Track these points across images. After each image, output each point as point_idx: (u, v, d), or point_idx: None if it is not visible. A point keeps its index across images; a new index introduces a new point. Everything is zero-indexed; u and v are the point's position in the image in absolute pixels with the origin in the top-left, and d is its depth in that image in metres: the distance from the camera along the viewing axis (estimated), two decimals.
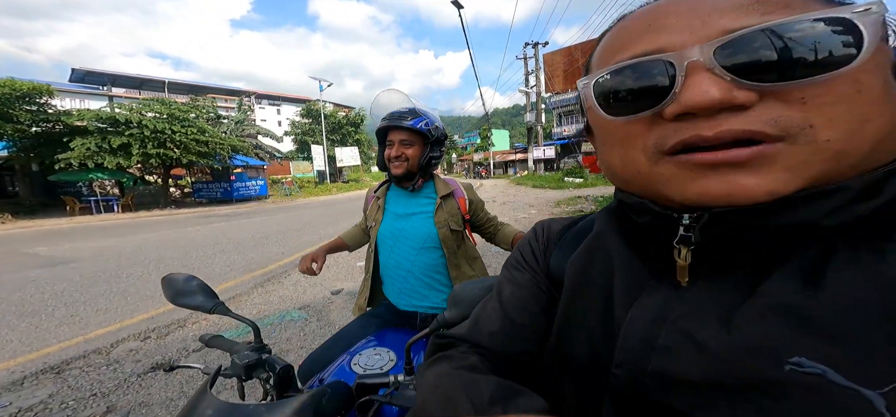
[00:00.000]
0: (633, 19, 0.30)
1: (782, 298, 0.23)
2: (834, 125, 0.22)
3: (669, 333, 0.27)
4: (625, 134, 0.29)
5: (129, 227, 8.95)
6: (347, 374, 0.91)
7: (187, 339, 2.74)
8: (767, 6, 0.24)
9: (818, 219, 0.23)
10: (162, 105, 14.48)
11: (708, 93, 0.23)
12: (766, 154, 0.23)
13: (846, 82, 0.22)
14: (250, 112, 24.85)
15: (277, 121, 56.24)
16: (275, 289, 3.89)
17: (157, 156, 13.29)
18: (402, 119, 1.16)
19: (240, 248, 6.02)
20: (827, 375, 0.21)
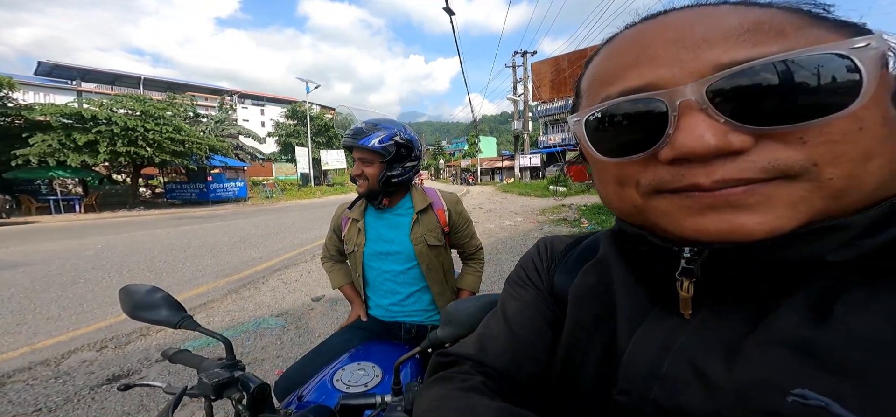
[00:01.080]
0: (620, 45, 0.29)
1: (788, 331, 0.23)
2: (837, 163, 0.22)
3: (674, 363, 0.27)
4: (619, 173, 0.28)
5: (90, 229, 8.40)
6: (329, 391, 0.84)
7: (150, 349, 2.54)
8: (759, 35, 0.23)
9: (823, 254, 0.23)
10: (135, 102, 13.88)
11: (703, 139, 0.23)
12: (765, 192, 0.23)
13: (848, 121, 0.22)
14: (232, 111, 24.11)
15: (261, 121, 54.95)
16: (251, 296, 3.70)
17: (126, 154, 12.64)
18: (356, 136, 1.13)
19: (213, 252, 5.73)
20: (831, 408, 0.21)
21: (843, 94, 0.21)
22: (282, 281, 4.14)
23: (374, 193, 1.17)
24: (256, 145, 22.67)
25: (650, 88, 0.25)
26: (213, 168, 16.31)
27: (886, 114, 0.23)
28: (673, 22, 0.27)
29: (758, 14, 0.24)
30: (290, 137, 25.81)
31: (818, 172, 0.22)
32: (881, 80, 0.22)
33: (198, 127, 18.09)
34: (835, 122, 0.22)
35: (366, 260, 1.22)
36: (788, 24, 0.24)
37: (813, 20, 0.24)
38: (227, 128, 20.85)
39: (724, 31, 0.24)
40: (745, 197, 0.23)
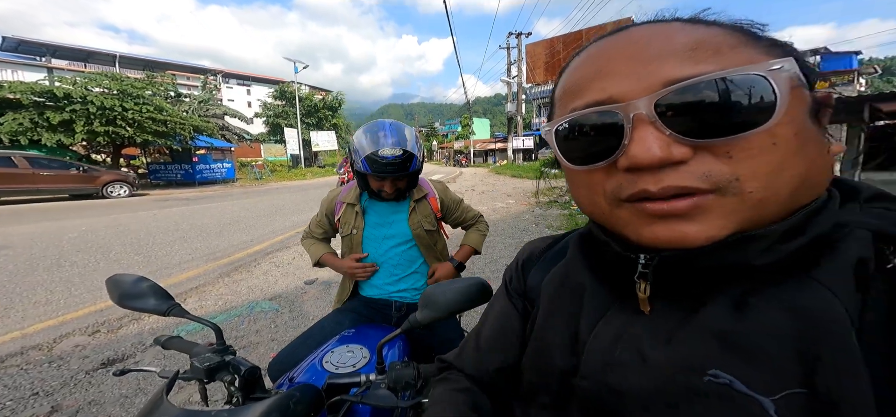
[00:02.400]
0: (587, 58, 0.32)
1: (712, 324, 0.28)
2: (756, 176, 0.26)
3: (624, 351, 0.32)
4: (587, 180, 0.32)
5: (69, 210, 8.06)
6: (319, 373, 0.87)
7: (143, 333, 2.54)
8: (700, 53, 0.27)
9: (749, 260, 0.27)
10: (111, 80, 13.15)
11: (650, 151, 0.26)
12: (703, 205, 0.26)
13: (763, 137, 0.25)
14: (216, 91, 23.10)
15: (247, 102, 53.14)
16: (243, 279, 3.69)
17: (105, 134, 12.08)
18: (402, 166, 1.15)
19: (202, 235, 5.63)
20: (733, 384, 0.26)
21: (761, 112, 0.25)
22: (274, 265, 4.13)
23: (398, 195, 1.25)
24: (243, 126, 21.97)
25: (610, 101, 0.29)
26: (198, 149, 15.83)
27: (799, 130, 0.26)
28: (633, 38, 0.30)
29: (701, 33, 0.28)
30: (278, 118, 25.07)
31: (740, 186, 0.26)
32: (796, 99, 0.26)
33: (180, 107, 17.40)
34: (753, 138, 0.25)
35: (365, 241, 1.27)
36: (726, 44, 0.27)
37: (748, 39, 0.28)
38: (211, 109, 20.09)
39: (673, 49, 0.27)
40: (688, 209, 0.27)
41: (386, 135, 1.13)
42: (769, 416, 0.24)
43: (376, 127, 1.17)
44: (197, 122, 15.37)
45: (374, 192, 1.22)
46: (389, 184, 1.18)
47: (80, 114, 11.60)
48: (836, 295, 0.25)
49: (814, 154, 0.27)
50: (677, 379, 0.28)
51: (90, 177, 10.58)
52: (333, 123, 26.57)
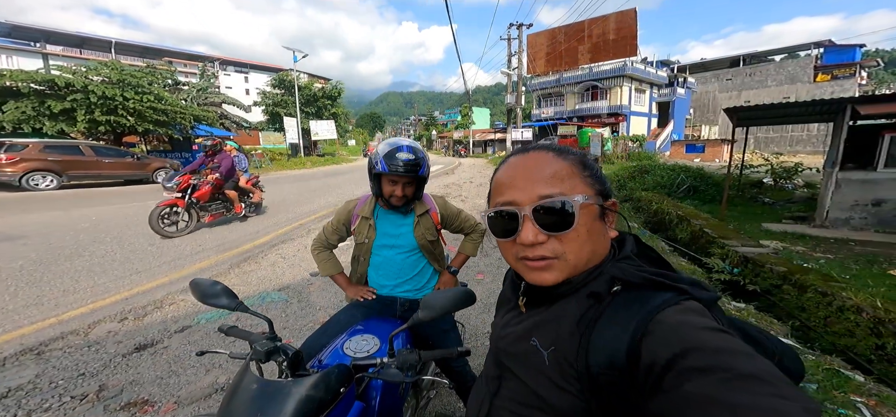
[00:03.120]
0: (505, 169, 0.57)
1: (539, 314, 0.56)
2: (571, 252, 0.51)
3: (507, 327, 0.62)
4: (504, 245, 0.57)
5: (75, 199, 8.14)
6: (342, 356, 1.11)
7: (167, 321, 2.73)
8: (554, 180, 0.52)
9: (570, 290, 0.53)
10: (111, 69, 13.02)
11: (528, 237, 0.51)
12: (551, 265, 0.52)
13: (572, 233, 0.51)
14: (214, 79, 22.79)
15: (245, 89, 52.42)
16: (252, 270, 3.87)
17: (106, 123, 12.06)
18: (413, 168, 1.36)
19: (209, 226, 5.78)
20: (536, 344, 0.53)
21: (570, 221, 0.50)
22: (281, 256, 4.29)
23: (407, 204, 1.45)
24: (242, 114, 21.81)
25: (513, 204, 0.53)
26: (197, 137, 15.82)
27: (590, 228, 0.52)
28: (526, 163, 0.55)
29: (556, 167, 0.53)
30: (277, 107, 24.82)
31: (566, 256, 0.51)
32: (586, 211, 0.51)
33: (179, 95, 17.28)
34: (569, 233, 0.51)
35: (374, 249, 1.49)
36: (567, 174, 0.53)
37: (580, 170, 0.54)
38: (210, 97, 19.93)
39: (543, 176, 0.53)
40: (544, 267, 0.52)
41: (403, 147, 1.38)
42: (544, 360, 0.51)
43: (396, 141, 1.41)
44: (196, 111, 15.30)
45: (385, 200, 1.42)
46: (400, 188, 1.38)
47: (81, 104, 11.58)
48: (578, 304, 0.51)
49: (598, 238, 0.53)
50: (519, 342, 0.56)
51: (142, 164, 11.68)
52: (333, 112, 26.36)
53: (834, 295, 2.77)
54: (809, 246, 4.99)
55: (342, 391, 0.81)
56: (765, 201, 8.21)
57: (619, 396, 0.44)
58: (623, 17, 25.20)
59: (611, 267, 0.52)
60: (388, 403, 1.06)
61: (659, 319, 0.43)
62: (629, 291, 0.49)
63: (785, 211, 7.14)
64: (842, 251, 4.71)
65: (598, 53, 26.17)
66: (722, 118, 28.50)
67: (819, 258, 4.41)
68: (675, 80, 29.51)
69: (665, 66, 32.76)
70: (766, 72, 32.03)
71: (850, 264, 4.15)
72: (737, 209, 7.61)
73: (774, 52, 35.72)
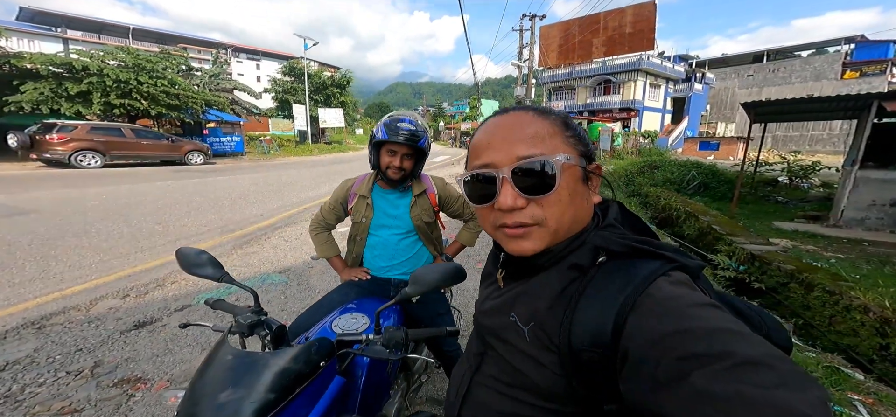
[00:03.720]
0: (484, 131, 0.53)
1: (519, 288, 0.54)
2: (552, 217, 0.48)
3: (486, 302, 0.60)
4: (481, 212, 0.53)
5: (88, 177, 8.39)
6: (329, 333, 1.08)
7: (168, 299, 2.78)
8: (535, 140, 0.48)
9: (551, 260, 0.50)
10: (127, 54, 13.34)
11: (507, 201, 0.47)
12: (531, 232, 0.48)
13: (553, 196, 0.47)
14: (227, 66, 23.03)
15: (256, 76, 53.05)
16: (255, 252, 3.92)
17: (121, 106, 12.40)
18: (413, 136, 1.32)
19: (216, 207, 5.88)
20: (515, 320, 0.51)
21: (551, 183, 0.46)
22: (283, 239, 4.35)
23: (405, 179, 1.40)
24: (252, 100, 21.97)
25: (492, 166, 0.49)
26: (208, 122, 16.04)
27: (572, 192, 0.48)
28: (505, 123, 0.51)
29: (537, 126, 0.49)
30: (287, 94, 24.93)
31: (546, 222, 0.48)
32: (568, 173, 0.48)
33: (192, 80, 17.51)
34: (550, 196, 0.47)
35: (371, 230, 1.46)
36: (548, 134, 0.49)
37: (561, 130, 0.50)
38: (222, 83, 20.14)
39: (523, 136, 0.48)
40: (523, 235, 0.48)
41: (404, 118, 1.37)
42: (525, 336, 0.49)
43: (397, 114, 1.40)
44: (208, 96, 15.48)
45: (383, 174, 1.39)
46: (398, 159, 1.34)
47: (97, 86, 11.89)
48: (559, 276, 0.49)
49: (581, 203, 0.50)
50: (501, 315, 0.54)
51: (176, 146, 12.46)
52: (341, 100, 26.38)
53: (841, 294, 2.73)
54: (821, 245, 4.89)
55: (322, 365, 0.79)
56: (778, 200, 8.01)
57: (604, 375, 0.41)
58: (641, 9, 24.40)
59: (594, 235, 0.49)
60: (374, 382, 1.03)
61: (649, 292, 0.40)
62: (613, 261, 0.46)
63: (798, 210, 6.97)
64: (854, 251, 4.63)
65: (613, 47, 25.47)
66: (739, 115, 27.56)
67: (829, 257, 4.33)
68: (692, 76, 28.62)
69: (683, 61, 31.77)
70: (791, 69, 30.74)
71: (861, 264, 4.05)
72: (748, 207, 7.44)
73: (801, 48, 34.33)
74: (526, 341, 0.48)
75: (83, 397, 1.76)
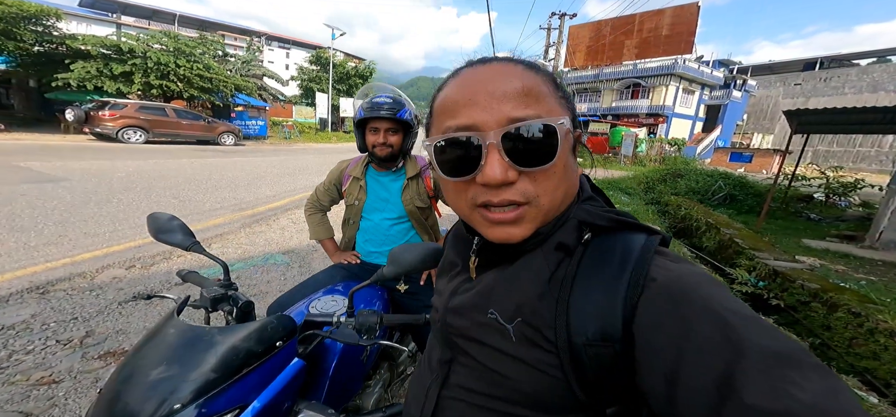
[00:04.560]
0: (460, 83, 0.42)
1: (494, 278, 0.45)
2: (546, 194, 0.40)
3: (453, 297, 0.50)
4: (455, 188, 0.43)
5: (121, 152, 8.91)
6: (304, 315, 1.02)
7: (172, 272, 2.87)
8: (529, 99, 0.38)
9: (537, 243, 0.43)
10: (169, 39, 14.28)
11: (495, 173, 0.38)
12: (521, 215, 0.40)
13: (550, 169, 0.39)
14: (259, 53, 23.91)
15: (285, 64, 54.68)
16: (262, 232, 4.01)
17: (159, 87, 13.33)
18: (391, 109, 1.26)
19: (232, 186, 6.09)
20: (495, 317, 0.43)
21: (551, 152, 0.38)
22: (291, 221, 4.43)
23: (394, 158, 1.34)
24: (279, 87, 22.70)
25: (474, 129, 0.39)
26: (236, 106, 16.73)
27: (566, 163, 0.41)
28: (488, 75, 0.40)
29: (530, 81, 0.39)
30: (311, 82, 25.58)
31: (538, 200, 0.40)
32: (566, 140, 0.39)
33: (225, 66, 18.35)
34: (545, 171, 0.39)
35: (364, 213, 1.42)
36: (542, 92, 0.39)
37: (554, 89, 0.41)
38: (252, 69, 20.95)
39: (513, 91, 0.38)
40: (513, 219, 0.40)
41: (380, 91, 1.33)
42: (510, 335, 0.41)
43: (372, 86, 1.38)
44: (238, 81, 16.21)
45: (372, 155, 1.35)
46: (382, 135, 1.29)
47: (139, 68, 12.86)
48: (544, 259, 0.42)
49: (572, 176, 0.43)
50: (476, 313, 0.45)
51: (211, 127, 13.21)
52: None
53: (867, 317, 2.59)
54: (852, 266, 4.54)
55: (278, 345, 0.73)
56: (810, 217, 7.49)
57: (611, 372, 0.35)
58: (682, 11, 23.18)
59: (577, 210, 0.43)
60: (346, 369, 0.96)
61: (651, 274, 0.36)
62: (600, 237, 0.40)
63: (832, 229, 6.47)
64: (889, 274, 4.28)
65: (646, 49, 24.38)
66: (779, 126, 25.82)
67: (860, 279, 3.99)
68: (732, 82, 26.98)
69: (723, 66, 29.94)
70: (845, 78, 28.27)
71: (894, 288, 3.69)
72: (777, 223, 6.97)
73: (861, 56, 31.30)
74: (511, 341, 0.41)
75: (65, 368, 1.75)
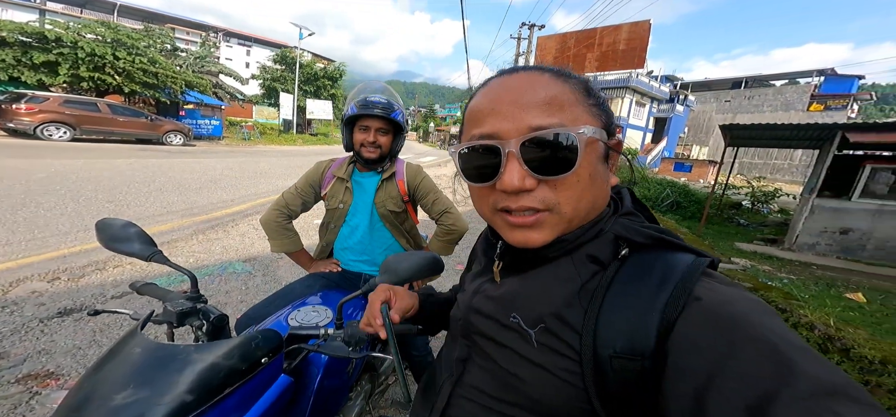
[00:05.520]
0: (486, 93, 0.44)
1: (520, 282, 0.46)
2: (568, 202, 0.40)
3: (476, 297, 0.51)
4: (479, 193, 0.45)
5: (42, 150, 7.80)
6: (284, 327, 0.94)
7: (106, 285, 2.56)
8: (552, 107, 0.39)
9: (562, 251, 0.43)
10: (107, 29, 12.88)
11: (513, 181, 0.39)
12: (541, 220, 0.41)
13: (572, 177, 0.39)
14: (215, 49, 22.35)
15: (245, 63, 51.86)
16: (218, 238, 3.72)
17: (90, 80, 11.95)
18: (385, 109, 1.22)
19: (181, 189, 5.58)
20: (518, 321, 0.43)
21: (570, 161, 0.38)
22: (252, 227, 4.14)
23: (382, 159, 1.28)
24: (238, 86, 21.31)
25: (496, 137, 0.41)
26: (187, 103, 15.47)
27: (592, 172, 0.41)
28: (514, 84, 0.41)
29: (556, 89, 0.40)
30: (275, 82, 24.35)
31: (560, 208, 0.40)
32: (591, 149, 0.40)
33: (175, 61, 16.98)
34: (567, 177, 0.39)
35: (347, 217, 1.33)
36: (568, 100, 0.40)
37: (584, 96, 0.41)
38: (207, 65, 19.54)
39: (537, 101, 0.39)
40: (532, 224, 0.41)
41: (375, 89, 1.28)
42: (532, 340, 0.41)
43: (367, 85, 1.31)
44: (189, 77, 15.03)
45: (358, 155, 1.28)
46: (372, 134, 1.23)
47: (66, 58, 11.46)
48: (576, 269, 0.42)
49: (600, 185, 0.43)
50: (499, 316, 0.46)
51: (155, 125, 12.02)
52: (332, 93, 25.96)
53: (791, 312, 2.89)
54: (775, 266, 5.14)
55: (264, 361, 0.66)
56: (740, 222, 8.42)
57: (637, 388, 0.35)
58: (636, 28, 25.12)
59: (614, 224, 0.42)
60: (331, 383, 0.90)
61: (696, 294, 0.34)
62: (639, 254, 0.40)
63: (757, 233, 7.32)
64: (804, 273, 4.90)
65: (605, 62, 26.09)
66: (713, 139, 28.80)
67: (783, 278, 4.53)
68: (675, 97, 29.68)
69: (669, 82, 32.80)
70: (764, 97, 32.19)
71: (810, 285, 4.26)
72: (714, 227, 7.75)
73: (778, 77, 35.56)
74: (532, 346, 0.41)
75: None
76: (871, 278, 4.75)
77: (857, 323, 2.98)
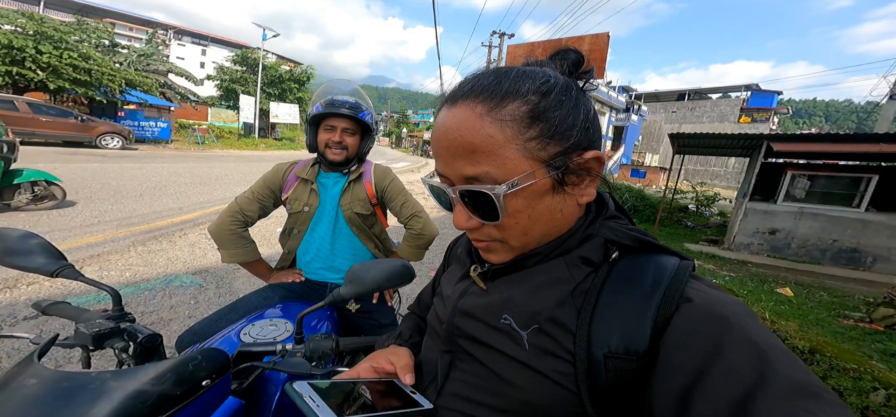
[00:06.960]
0: (434, 130, 0.44)
1: (509, 284, 0.46)
2: (513, 237, 0.43)
3: (463, 299, 0.50)
4: None
5: None
6: (234, 344, 0.84)
7: (17, 304, 2.23)
8: (478, 156, 0.39)
9: (540, 259, 0.44)
10: (28, 20, 11.51)
11: (459, 222, 0.43)
12: (492, 247, 0.45)
13: (509, 219, 0.41)
14: (164, 47, 20.64)
15: (200, 63, 48.50)
16: (162, 250, 3.40)
17: (7, 74, 10.66)
18: (352, 108, 1.17)
19: (116, 197, 5.05)
20: (509, 323, 0.43)
21: (497, 213, 0.40)
22: (204, 237, 3.82)
23: (349, 161, 1.23)
24: (191, 87, 19.82)
25: (444, 180, 0.44)
26: (127, 103, 14.06)
27: (533, 209, 0.41)
28: (450, 124, 0.40)
29: (482, 134, 0.38)
30: (235, 84, 22.93)
31: (508, 241, 0.43)
32: (525, 193, 0.39)
33: (114, 57, 15.47)
34: (503, 220, 0.41)
35: (316, 218, 1.25)
36: (497, 144, 0.38)
37: (517, 135, 0.38)
38: (153, 64, 18.01)
39: (464, 149, 0.39)
40: (489, 248, 0.45)
41: (342, 90, 1.23)
42: (524, 341, 0.41)
43: (334, 83, 1.26)
44: (130, 75, 13.79)
45: (322, 157, 1.22)
46: (338, 134, 1.17)
47: None
48: (568, 270, 0.42)
49: (553, 216, 0.42)
50: (485, 319, 0.46)
51: (87, 127, 10.88)
52: (299, 97, 24.95)
53: None
54: (718, 265, 5.69)
55: (205, 384, 0.57)
56: (687, 224, 9.18)
57: (624, 386, 0.36)
58: (597, 40, 26.80)
59: (604, 228, 0.43)
60: (290, 403, 0.76)
61: (686, 295, 0.36)
62: (629, 256, 0.41)
63: (702, 234, 8.02)
64: (741, 271, 5.45)
65: None
66: (663, 147, 31.34)
67: (725, 275, 5.02)
68: (631, 107, 31.92)
69: (625, 92, 35.21)
70: (703, 109, 35.68)
71: (747, 282, 4.73)
72: (665, 229, 8.38)
73: (714, 91, 39.48)
74: (523, 348, 0.41)
75: None
76: (797, 274, 5.39)
77: (787, 315, 3.33)
